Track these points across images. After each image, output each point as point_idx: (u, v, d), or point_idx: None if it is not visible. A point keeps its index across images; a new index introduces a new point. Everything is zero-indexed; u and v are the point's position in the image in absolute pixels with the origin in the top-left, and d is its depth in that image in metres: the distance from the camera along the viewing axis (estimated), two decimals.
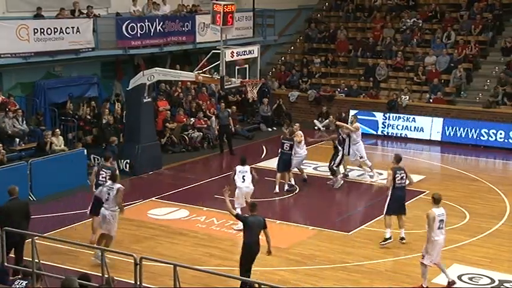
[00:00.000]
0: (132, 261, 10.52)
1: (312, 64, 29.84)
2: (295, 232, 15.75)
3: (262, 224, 12.22)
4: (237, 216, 12.47)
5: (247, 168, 15.85)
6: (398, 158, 15.07)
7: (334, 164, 18.57)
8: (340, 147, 18.57)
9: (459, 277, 13.08)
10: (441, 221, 12.27)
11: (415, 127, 25.22)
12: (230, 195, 13.01)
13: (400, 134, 25.24)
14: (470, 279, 13.07)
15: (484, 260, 13.98)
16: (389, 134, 25.50)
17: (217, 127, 23.62)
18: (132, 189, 19.03)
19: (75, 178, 18.18)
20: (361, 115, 24.95)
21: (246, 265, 12.13)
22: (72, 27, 20.84)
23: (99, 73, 23.36)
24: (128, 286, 11.29)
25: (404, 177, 14.76)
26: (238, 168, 15.80)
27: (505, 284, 12.86)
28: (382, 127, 25.79)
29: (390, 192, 14.76)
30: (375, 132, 25.29)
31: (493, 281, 13.00)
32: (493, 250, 14.55)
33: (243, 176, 15.57)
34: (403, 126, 25.53)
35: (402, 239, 14.81)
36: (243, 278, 11.77)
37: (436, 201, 12.35)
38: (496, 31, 28.19)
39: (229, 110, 23.99)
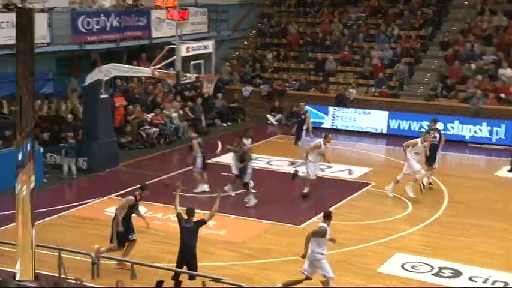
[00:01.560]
0: (90, 260, 10.67)
1: (265, 59, 29.54)
2: (250, 226, 15.62)
3: (195, 230, 12.07)
4: (177, 215, 12.30)
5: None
6: (434, 120, 18.75)
7: (245, 178, 17.20)
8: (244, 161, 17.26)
9: (402, 266, 13.37)
10: None
11: (362, 120, 25.09)
12: None
13: (348, 127, 25.10)
14: (413, 267, 13.33)
15: (425, 248, 14.30)
16: (338, 127, 25.30)
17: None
18: (90, 187, 18.66)
19: None
20: (312, 109, 24.92)
21: (177, 265, 12.06)
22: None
23: (54, 69, 22.52)
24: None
25: (437, 136, 18.09)
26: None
27: (443, 271, 13.17)
28: (332, 120, 25.66)
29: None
30: (324, 126, 25.10)
31: (432, 268, 13.34)
32: (431, 238, 15.04)
33: None
34: (350, 119, 25.38)
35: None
36: (200, 273, 11.66)
37: None
38: (435, 26, 28.49)
39: (200, 105, 23.92)
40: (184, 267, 11.96)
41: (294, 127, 21.02)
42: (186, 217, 12.18)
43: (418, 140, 17.65)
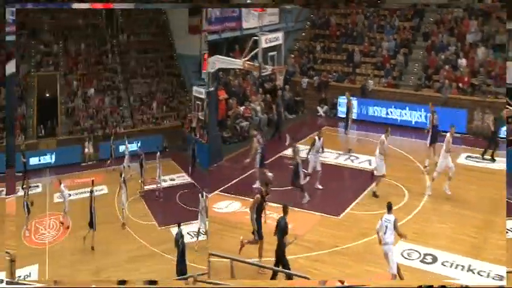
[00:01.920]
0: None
1: (315, 50, 24.62)
2: (307, 218, 13.57)
3: (282, 226, 10.26)
4: None
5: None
6: (431, 104, 16.81)
7: (299, 180, 14.30)
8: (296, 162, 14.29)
9: (401, 253, 12.10)
10: None
11: (374, 110, 21.63)
12: None
13: (368, 116, 21.31)
14: (408, 254, 12.20)
15: (415, 235, 12.77)
16: (363, 117, 21.46)
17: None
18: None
19: None
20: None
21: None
22: None
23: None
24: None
25: (437, 118, 16.53)
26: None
27: (426, 257, 12.17)
28: (358, 112, 21.85)
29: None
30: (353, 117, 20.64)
31: (420, 254, 12.21)
32: (419, 226, 13.35)
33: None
34: (367, 110, 21.70)
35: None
36: (289, 271, 10.23)
37: None
38: (419, 17, 23.71)
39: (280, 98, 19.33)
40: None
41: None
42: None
43: (448, 135, 14.44)
